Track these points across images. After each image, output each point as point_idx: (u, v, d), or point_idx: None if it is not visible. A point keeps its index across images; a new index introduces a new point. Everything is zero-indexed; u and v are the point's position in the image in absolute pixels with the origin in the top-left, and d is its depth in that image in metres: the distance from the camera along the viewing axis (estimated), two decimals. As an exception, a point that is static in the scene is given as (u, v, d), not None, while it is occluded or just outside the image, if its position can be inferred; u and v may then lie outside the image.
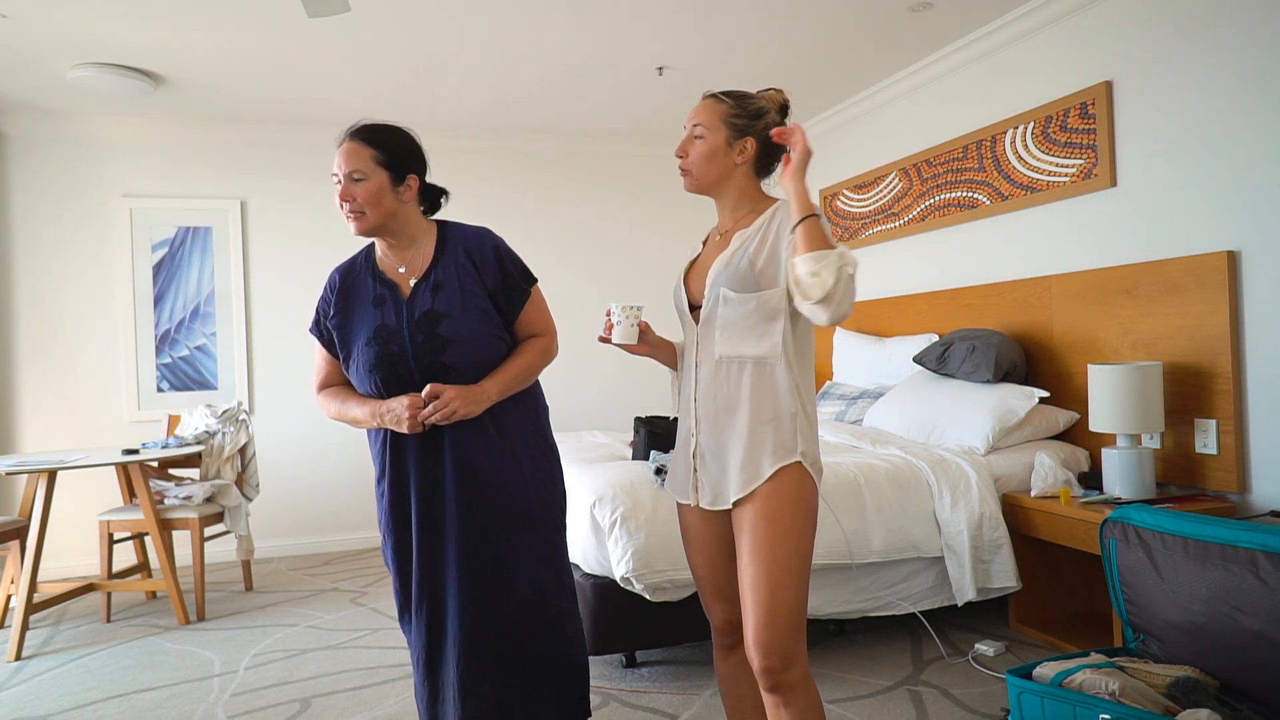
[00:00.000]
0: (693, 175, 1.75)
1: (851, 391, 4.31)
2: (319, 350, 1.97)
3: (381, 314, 1.86)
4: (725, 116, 1.72)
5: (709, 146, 1.72)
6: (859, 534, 2.90)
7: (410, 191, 1.89)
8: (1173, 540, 2.15)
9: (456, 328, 1.82)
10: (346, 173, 1.84)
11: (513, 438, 1.89)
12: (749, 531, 1.64)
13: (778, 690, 1.62)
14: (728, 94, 1.74)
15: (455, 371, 1.81)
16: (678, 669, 2.93)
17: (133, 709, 2.75)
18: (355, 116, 4.72)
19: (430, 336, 1.82)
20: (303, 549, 4.95)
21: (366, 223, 1.85)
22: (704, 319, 1.73)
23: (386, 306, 1.87)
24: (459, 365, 1.82)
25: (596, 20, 3.53)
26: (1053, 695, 2.02)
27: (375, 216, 1.85)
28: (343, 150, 1.86)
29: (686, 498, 1.78)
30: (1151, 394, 2.83)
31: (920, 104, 4.31)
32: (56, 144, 4.59)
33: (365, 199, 1.83)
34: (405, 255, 1.91)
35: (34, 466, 3.32)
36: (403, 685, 2.88)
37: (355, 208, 1.84)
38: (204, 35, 3.54)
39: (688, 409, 1.77)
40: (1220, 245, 2.85)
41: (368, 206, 1.84)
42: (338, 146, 1.88)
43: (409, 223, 1.91)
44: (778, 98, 1.76)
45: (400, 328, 1.84)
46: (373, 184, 1.83)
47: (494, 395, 1.83)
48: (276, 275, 4.94)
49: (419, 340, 1.82)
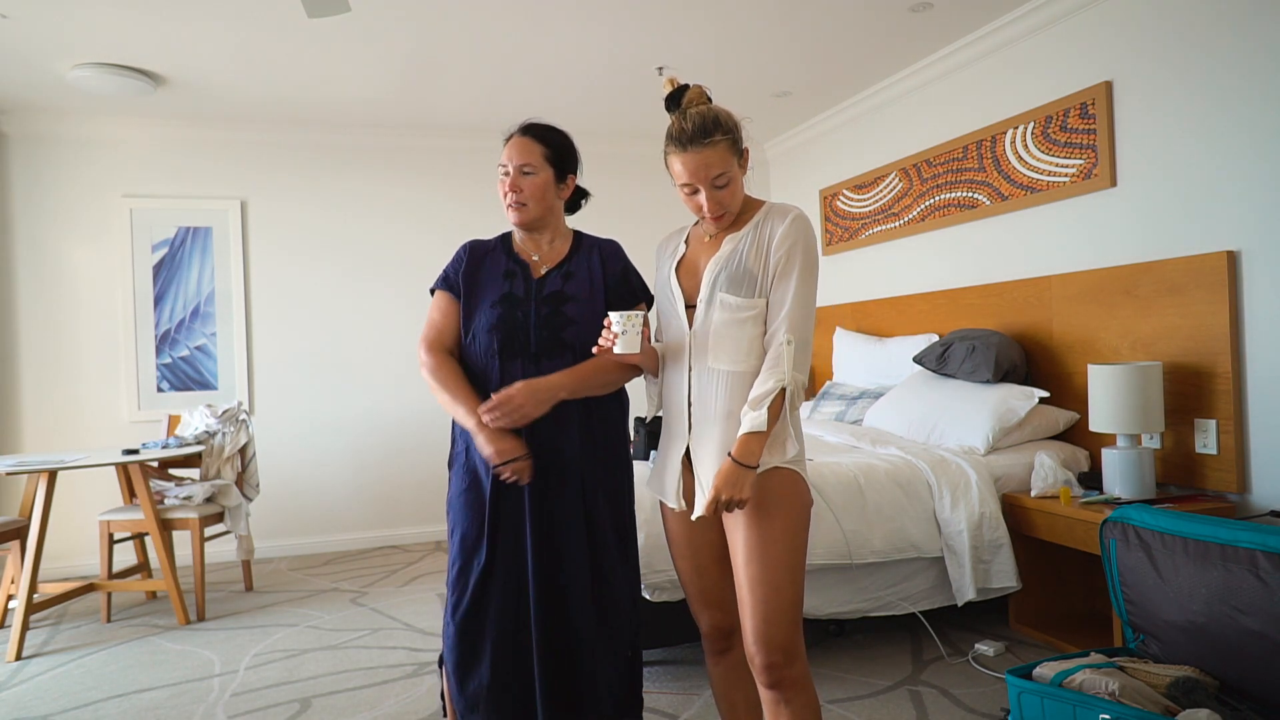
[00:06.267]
0: (731, 213, 1.72)
1: (851, 391, 4.31)
2: (437, 305, 2.01)
3: (510, 285, 1.95)
4: (731, 148, 1.67)
5: (736, 183, 1.70)
6: (859, 534, 2.90)
7: (567, 190, 2.01)
8: (1173, 540, 2.15)
9: (581, 311, 1.91)
10: (518, 165, 1.92)
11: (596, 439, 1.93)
12: (745, 532, 1.64)
13: (779, 687, 1.62)
14: (716, 127, 1.65)
15: (570, 350, 1.88)
16: (678, 669, 2.93)
17: (133, 709, 2.75)
18: (355, 116, 4.77)
19: (555, 313, 1.90)
20: (303, 549, 4.95)
21: (528, 214, 1.94)
22: (699, 321, 1.71)
23: (516, 280, 1.96)
24: (575, 345, 1.89)
25: (596, 20, 3.53)
26: (1053, 695, 2.02)
27: (536, 209, 1.94)
28: (515, 143, 1.94)
29: (676, 503, 1.75)
30: (1151, 394, 2.83)
31: (920, 104, 4.31)
32: (57, 144, 4.59)
33: (531, 192, 1.92)
34: (541, 246, 2.01)
35: (34, 466, 3.32)
36: (403, 685, 2.88)
37: (521, 199, 1.92)
38: (204, 35, 3.54)
39: (680, 412, 1.73)
40: (1220, 245, 2.85)
41: (532, 199, 1.93)
42: (506, 140, 1.97)
43: (558, 218, 2.02)
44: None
45: (528, 298, 1.92)
46: (540, 179, 1.93)
47: (563, 391, 1.83)
48: (276, 275, 4.94)
49: (544, 313, 1.90)
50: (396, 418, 5.09)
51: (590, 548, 1.88)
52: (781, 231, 1.67)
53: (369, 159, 5.09)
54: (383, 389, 5.08)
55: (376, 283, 5.09)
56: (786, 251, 1.66)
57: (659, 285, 1.85)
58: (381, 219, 5.11)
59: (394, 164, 5.13)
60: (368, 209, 5.09)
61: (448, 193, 5.20)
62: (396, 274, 5.11)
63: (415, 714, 2.64)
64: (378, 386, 5.07)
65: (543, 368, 1.87)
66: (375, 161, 5.10)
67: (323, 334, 5.01)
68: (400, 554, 4.85)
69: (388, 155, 5.12)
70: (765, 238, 1.68)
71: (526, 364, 1.88)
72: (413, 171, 5.16)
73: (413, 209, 5.15)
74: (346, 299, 5.05)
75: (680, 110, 1.70)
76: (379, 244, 5.10)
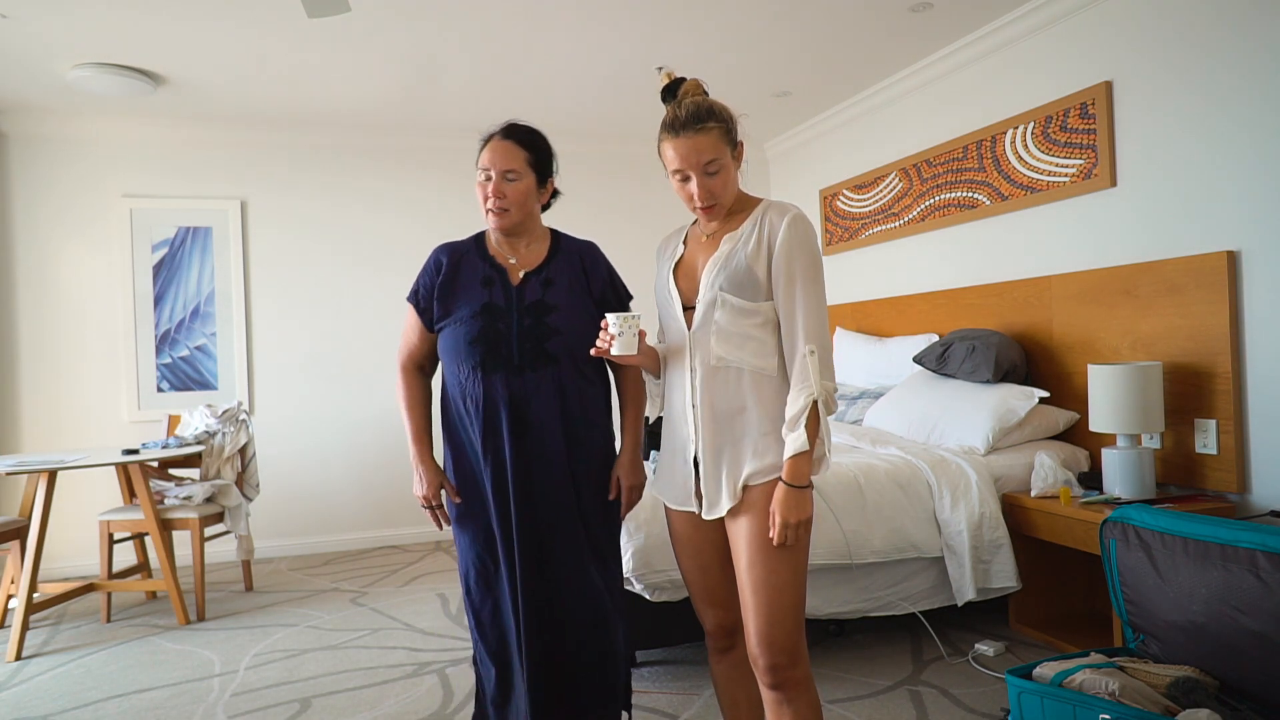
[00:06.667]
0: (721, 205, 1.71)
1: (851, 391, 4.31)
2: (410, 319, 2.04)
3: (490, 293, 1.93)
4: (724, 137, 1.67)
5: (728, 172, 1.68)
6: (859, 534, 2.90)
7: (547, 193, 2.01)
8: (1172, 540, 2.15)
9: (564, 321, 1.90)
10: (502, 170, 1.89)
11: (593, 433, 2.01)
12: (749, 533, 1.64)
13: (783, 688, 1.62)
14: (710, 115, 1.66)
15: (554, 362, 1.89)
16: (678, 669, 2.93)
17: (133, 709, 2.75)
18: (355, 116, 4.77)
19: (538, 324, 1.89)
20: (303, 549, 4.95)
21: (509, 219, 1.93)
22: (699, 321, 1.70)
23: (495, 288, 1.93)
24: (560, 355, 1.90)
25: (596, 20, 3.53)
26: (1053, 695, 2.02)
27: (518, 214, 1.93)
28: (496, 147, 1.91)
29: (684, 504, 1.75)
30: (1151, 394, 2.83)
31: (920, 104, 4.31)
32: (57, 144, 4.59)
33: (514, 198, 1.91)
34: (519, 249, 1.99)
35: (34, 466, 3.32)
36: (403, 685, 2.88)
37: (503, 204, 1.91)
38: (204, 35, 3.54)
39: (684, 413, 1.73)
40: (1220, 245, 2.85)
41: (514, 205, 1.91)
42: (484, 142, 1.93)
43: (536, 221, 2.02)
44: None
45: (509, 309, 1.90)
46: (523, 184, 1.92)
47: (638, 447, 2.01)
48: (276, 275, 4.94)
49: (526, 324, 1.89)
50: (397, 418, 5.08)
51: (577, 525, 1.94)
52: (782, 235, 1.65)
53: (369, 159, 5.09)
54: (383, 389, 5.07)
55: (376, 282, 5.09)
56: (788, 257, 1.64)
57: (657, 287, 1.83)
58: (382, 219, 5.11)
59: (394, 163, 5.13)
60: (368, 209, 5.08)
61: (448, 192, 5.20)
62: (396, 274, 5.10)
63: (415, 714, 2.64)
64: (378, 386, 5.07)
65: (525, 379, 1.87)
66: (375, 161, 5.10)
67: (323, 334, 5.01)
68: (400, 554, 4.85)
69: (388, 155, 5.12)
70: (765, 236, 1.67)
71: (510, 376, 1.87)
72: (413, 171, 5.16)
73: (413, 208, 5.15)
74: (346, 299, 5.05)
75: (675, 100, 1.70)
76: (379, 244, 5.10)
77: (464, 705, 2.68)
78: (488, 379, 1.88)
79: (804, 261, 1.65)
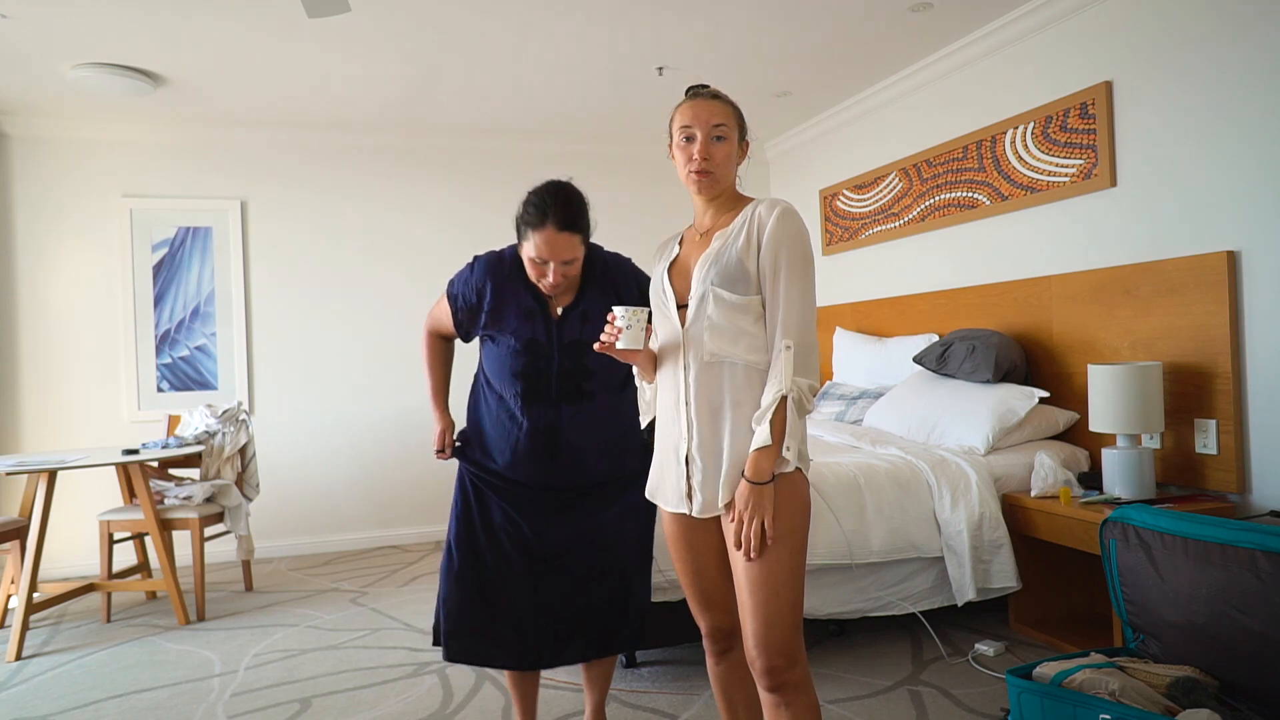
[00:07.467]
0: (715, 177, 1.70)
1: (851, 391, 4.31)
2: (444, 308, 2.15)
3: (533, 329, 2.05)
4: (736, 117, 1.72)
5: (731, 147, 1.71)
6: (859, 534, 2.90)
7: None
8: (1172, 540, 2.15)
9: (600, 360, 2.05)
10: (566, 260, 1.98)
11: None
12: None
13: (781, 690, 1.61)
14: (728, 99, 1.74)
15: (589, 399, 2.07)
16: (678, 669, 2.93)
17: (133, 709, 2.75)
18: (355, 116, 4.77)
19: (576, 366, 2.05)
20: (303, 549, 4.95)
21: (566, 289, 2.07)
22: (692, 318, 1.68)
23: (537, 322, 2.06)
24: (595, 392, 2.08)
25: (596, 21, 3.53)
26: (1053, 695, 2.02)
27: (571, 282, 2.07)
28: (555, 239, 1.95)
29: (677, 506, 1.73)
30: (1151, 394, 2.83)
31: (920, 104, 4.31)
32: (57, 144, 4.59)
33: (572, 276, 2.04)
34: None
35: (34, 466, 3.32)
36: (403, 685, 2.88)
37: (566, 286, 2.05)
38: (204, 35, 3.54)
39: (677, 412, 1.70)
40: (1220, 245, 2.85)
41: (571, 279, 2.05)
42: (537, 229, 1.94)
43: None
44: None
45: (550, 344, 2.06)
46: (579, 263, 2.03)
47: None
48: (276, 275, 4.94)
49: (566, 366, 2.05)
50: (396, 418, 5.09)
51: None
52: (770, 228, 1.64)
53: (369, 159, 5.09)
54: (383, 389, 5.08)
55: (376, 282, 5.09)
56: (775, 250, 1.63)
57: (652, 286, 1.82)
58: (382, 219, 5.11)
59: (394, 163, 5.13)
60: (368, 209, 5.09)
61: (448, 192, 5.20)
62: (396, 273, 5.11)
63: (415, 714, 2.64)
64: (378, 386, 5.07)
65: (562, 411, 2.06)
66: (376, 161, 5.10)
67: (323, 334, 5.01)
68: (400, 554, 4.85)
69: (388, 155, 5.12)
70: (754, 230, 1.66)
71: (547, 409, 2.06)
72: (413, 171, 5.16)
73: (413, 208, 5.15)
74: (346, 298, 5.05)
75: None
76: (379, 243, 5.10)
77: (464, 705, 2.69)
78: (528, 407, 2.06)
79: (790, 254, 1.64)
